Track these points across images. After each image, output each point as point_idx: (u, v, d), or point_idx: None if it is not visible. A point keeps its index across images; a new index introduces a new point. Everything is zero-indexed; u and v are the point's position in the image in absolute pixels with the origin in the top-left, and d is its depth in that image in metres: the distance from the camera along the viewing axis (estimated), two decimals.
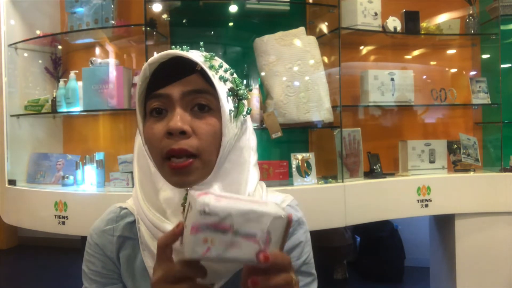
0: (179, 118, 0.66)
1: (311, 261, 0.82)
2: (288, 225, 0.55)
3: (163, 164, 0.68)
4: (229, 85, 0.71)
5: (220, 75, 0.70)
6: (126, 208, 0.79)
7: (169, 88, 0.68)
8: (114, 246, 0.77)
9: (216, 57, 0.72)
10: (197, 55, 0.70)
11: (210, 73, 0.68)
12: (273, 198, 0.82)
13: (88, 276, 0.77)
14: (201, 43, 0.74)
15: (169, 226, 0.68)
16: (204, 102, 0.68)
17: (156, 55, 0.70)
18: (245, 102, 0.73)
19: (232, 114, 0.70)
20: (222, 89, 0.69)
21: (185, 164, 0.66)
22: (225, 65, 0.73)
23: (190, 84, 0.68)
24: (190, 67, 0.68)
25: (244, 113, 0.73)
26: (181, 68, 0.68)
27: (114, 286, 0.77)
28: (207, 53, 0.72)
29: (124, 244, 0.77)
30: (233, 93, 0.71)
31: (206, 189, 0.57)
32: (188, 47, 0.71)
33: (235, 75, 0.74)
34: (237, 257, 0.53)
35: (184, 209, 0.69)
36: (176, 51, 0.68)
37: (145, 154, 0.72)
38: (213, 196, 0.53)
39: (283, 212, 0.55)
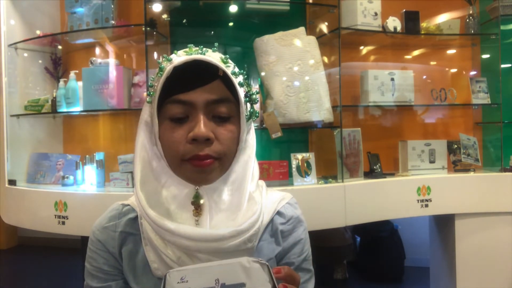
0: (204, 126, 0.67)
1: (310, 258, 0.84)
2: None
3: (181, 164, 0.70)
4: (244, 90, 0.72)
5: (239, 81, 0.71)
6: (128, 205, 0.80)
7: (193, 94, 0.68)
8: (116, 242, 0.77)
9: (228, 58, 0.73)
10: (216, 58, 0.70)
11: (234, 80, 0.69)
12: (272, 196, 0.83)
13: (90, 272, 0.78)
14: (216, 44, 0.75)
15: (169, 223, 0.69)
16: (226, 110, 0.70)
17: (181, 58, 0.69)
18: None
19: (246, 118, 0.72)
20: (242, 95, 0.71)
21: (208, 163, 0.69)
22: (236, 67, 0.74)
23: (213, 93, 0.69)
24: (213, 72, 0.69)
25: (254, 117, 0.75)
26: (205, 74, 0.69)
27: (114, 283, 0.77)
28: (221, 55, 0.73)
29: (126, 239, 0.77)
30: (248, 98, 0.73)
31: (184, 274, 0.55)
32: (203, 47, 0.72)
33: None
34: None
35: (194, 207, 0.72)
36: (204, 57, 0.68)
37: (148, 151, 0.73)
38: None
39: None
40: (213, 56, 0.71)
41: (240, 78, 0.72)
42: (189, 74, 0.69)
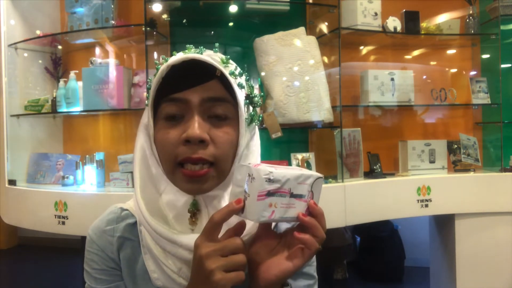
0: (198, 126, 0.64)
1: (314, 263, 0.80)
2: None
3: (175, 170, 0.67)
4: (244, 92, 0.69)
5: (239, 82, 0.68)
6: (127, 210, 0.77)
7: (188, 93, 0.66)
8: (114, 246, 0.75)
9: (230, 60, 0.71)
10: (215, 59, 0.68)
11: (232, 80, 0.66)
12: None
13: (92, 275, 0.75)
14: (216, 44, 0.72)
15: (170, 233, 0.66)
16: (222, 111, 0.67)
17: (177, 57, 0.67)
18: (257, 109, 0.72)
19: (247, 122, 0.69)
20: (241, 97, 0.67)
21: (202, 173, 0.65)
22: (239, 69, 0.71)
23: (209, 91, 0.66)
24: (210, 72, 0.66)
25: (256, 120, 0.72)
26: (201, 73, 0.66)
27: (122, 282, 0.75)
28: (222, 55, 0.70)
29: (123, 244, 0.75)
30: (249, 100, 0.70)
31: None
32: (203, 48, 0.70)
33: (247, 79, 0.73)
34: (293, 216, 0.61)
35: (191, 214, 0.70)
36: (199, 56, 0.66)
37: (147, 156, 0.71)
38: (268, 165, 0.60)
39: (319, 174, 0.65)
40: (212, 57, 0.68)
41: (241, 80, 0.69)
42: (185, 73, 0.67)
